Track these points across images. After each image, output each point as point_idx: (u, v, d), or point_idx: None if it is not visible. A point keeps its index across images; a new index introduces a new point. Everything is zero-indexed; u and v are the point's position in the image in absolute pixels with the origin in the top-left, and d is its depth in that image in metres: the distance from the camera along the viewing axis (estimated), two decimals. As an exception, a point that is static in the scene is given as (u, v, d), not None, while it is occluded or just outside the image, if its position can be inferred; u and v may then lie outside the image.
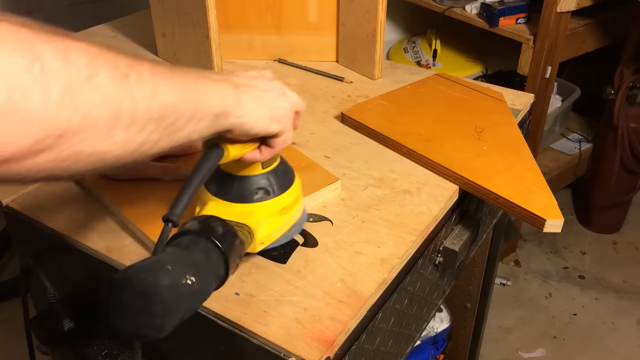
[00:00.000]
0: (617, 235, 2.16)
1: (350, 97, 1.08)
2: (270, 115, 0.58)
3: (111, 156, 0.43)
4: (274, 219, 0.65)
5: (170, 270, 0.47)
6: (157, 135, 0.46)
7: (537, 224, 0.75)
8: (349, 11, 1.12)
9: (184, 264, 0.49)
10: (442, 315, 1.40)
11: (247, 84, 0.57)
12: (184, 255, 0.50)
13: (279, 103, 0.60)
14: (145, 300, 0.45)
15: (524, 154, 0.88)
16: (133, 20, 1.36)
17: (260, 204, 0.64)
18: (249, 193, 0.64)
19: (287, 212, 0.66)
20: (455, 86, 1.07)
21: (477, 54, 2.03)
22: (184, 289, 0.47)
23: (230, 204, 0.63)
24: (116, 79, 0.42)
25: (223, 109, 0.52)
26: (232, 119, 0.54)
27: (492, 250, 1.24)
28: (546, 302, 1.90)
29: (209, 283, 0.51)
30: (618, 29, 1.79)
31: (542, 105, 1.74)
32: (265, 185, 0.64)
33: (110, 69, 0.41)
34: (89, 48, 0.41)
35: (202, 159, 0.56)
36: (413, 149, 0.88)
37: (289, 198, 0.66)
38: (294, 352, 0.58)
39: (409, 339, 0.84)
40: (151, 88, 0.44)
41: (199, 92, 0.50)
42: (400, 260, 0.70)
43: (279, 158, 0.66)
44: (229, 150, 0.57)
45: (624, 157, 1.91)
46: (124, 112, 0.42)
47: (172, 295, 0.46)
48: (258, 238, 0.62)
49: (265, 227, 0.64)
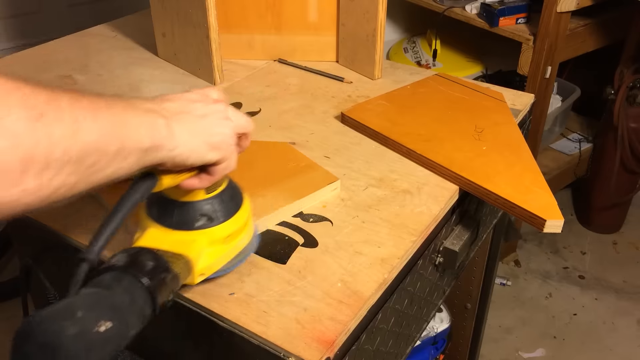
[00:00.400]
0: (617, 235, 2.16)
1: (350, 97, 1.08)
2: (207, 144, 0.54)
3: (21, 204, 0.39)
4: (217, 248, 0.61)
5: (80, 318, 0.43)
6: (75, 178, 0.42)
7: (537, 224, 0.75)
8: (349, 11, 1.12)
9: (100, 308, 0.45)
10: (442, 315, 1.40)
11: (181, 111, 0.53)
12: (103, 296, 0.47)
13: (218, 129, 0.55)
14: (48, 353, 0.41)
15: (524, 154, 0.88)
16: (133, 20, 1.36)
17: (202, 232, 0.59)
18: (190, 220, 0.59)
19: (233, 239, 0.62)
20: (455, 86, 1.07)
21: (477, 54, 2.03)
22: (96, 337, 0.43)
23: (170, 230, 0.59)
24: (30, 120, 0.38)
25: (153, 142, 0.48)
26: (164, 152, 0.50)
27: (492, 250, 1.24)
28: (546, 302, 1.90)
29: (131, 325, 0.47)
30: (618, 29, 1.79)
31: (542, 105, 1.74)
32: (209, 212, 0.60)
33: (24, 109, 0.38)
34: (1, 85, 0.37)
35: (130, 189, 0.52)
36: (413, 149, 0.88)
37: (234, 225, 0.61)
38: (294, 352, 0.58)
39: (409, 339, 0.84)
40: (71, 126, 0.41)
41: (126, 126, 0.46)
42: (400, 261, 0.70)
43: (226, 181, 0.62)
44: (162, 179, 0.53)
45: (624, 157, 1.91)
46: (37, 156, 0.38)
47: (79, 346, 0.42)
48: (198, 269, 0.59)
49: (206, 256, 0.60)
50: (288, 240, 0.73)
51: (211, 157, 0.55)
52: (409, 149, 0.89)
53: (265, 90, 1.09)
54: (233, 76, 1.14)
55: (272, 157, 0.86)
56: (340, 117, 0.99)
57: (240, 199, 0.64)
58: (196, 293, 0.65)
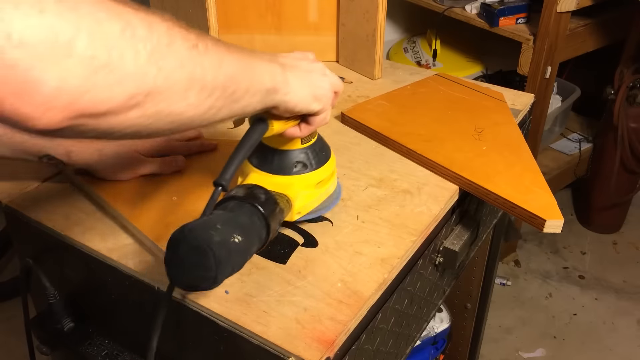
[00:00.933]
0: (617, 235, 2.16)
1: (350, 97, 1.08)
2: (313, 95, 0.62)
3: (185, 117, 0.47)
4: (310, 191, 0.70)
5: (220, 229, 0.52)
6: (221, 102, 0.50)
7: (537, 224, 0.75)
8: (349, 11, 1.12)
9: (232, 224, 0.54)
10: (442, 315, 1.40)
11: (292, 65, 0.61)
12: (231, 217, 0.56)
13: (321, 83, 0.63)
14: (199, 254, 0.50)
15: (524, 154, 0.88)
16: (133, 20, 1.35)
17: (298, 177, 0.68)
18: (288, 166, 0.68)
19: (323, 185, 0.71)
20: (455, 86, 1.07)
21: (477, 54, 2.03)
22: (232, 246, 0.52)
23: (271, 175, 0.68)
24: (188, 48, 0.46)
25: (273, 85, 0.56)
26: (280, 95, 0.58)
27: (492, 250, 1.24)
28: (546, 302, 1.90)
29: (253, 243, 0.56)
30: (618, 29, 1.79)
31: (542, 105, 1.74)
32: (304, 160, 0.69)
33: (183, 39, 0.46)
34: (163, 20, 0.45)
35: (248, 131, 0.61)
36: (413, 149, 0.88)
37: (325, 172, 0.70)
38: (294, 352, 0.58)
39: (409, 339, 0.84)
40: (216, 59, 0.49)
41: (254, 68, 0.54)
42: (400, 261, 0.70)
43: (317, 135, 0.71)
44: (273, 124, 0.61)
45: (624, 157, 1.91)
46: (196, 77, 0.47)
47: (222, 251, 0.51)
48: (295, 208, 0.67)
49: (302, 198, 0.68)
50: (288, 240, 0.73)
51: (314, 107, 0.62)
52: (409, 149, 0.89)
53: (265, 90, 1.09)
54: (233, 76, 1.13)
55: None
56: (340, 117, 0.99)
57: (329, 151, 0.73)
58: (196, 293, 0.65)
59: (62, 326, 0.81)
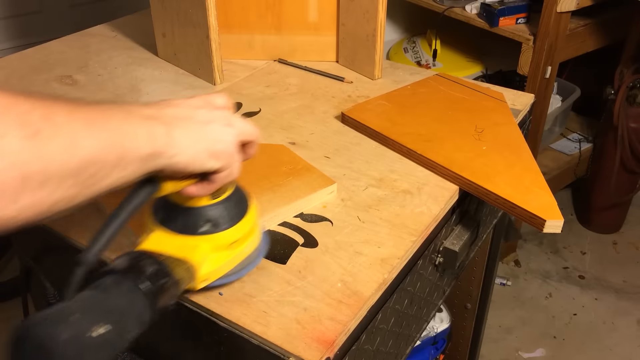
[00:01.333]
0: (617, 235, 2.16)
1: (350, 97, 1.08)
2: (208, 151, 0.53)
3: (20, 220, 0.40)
4: (221, 254, 0.60)
5: (73, 322, 0.43)
6: (75, 190, 0.42)
7: (537, 224, 0.75)
8: (349, 11, 1.12)
9: (95, 312, 0.45)
10: (442, 315, 1.40)
11: (183, 117, 0.52)
12: (99, 300, 0.47)
13: (220, 137, 0.54)
14: (42, 356, 0.42)
15: (524, 154, 0.88)
16: (133, 20, 1.36)
17: (205, 237, 0.59)
18: (194, 225, 0.59)
19: (238, 245, 0.62)
20: (455, 86, 1.07)
21: (477, 54, 2.03)
22: (90, 341, 0.43)
23: (175, 234, 0.59)
24: (26, 138, 0.38)
25: (152, 150, 0.48)
26: (164, 159, 0.49)
27: (492, 250, 1.24)
28: (546, 302, 1.90)
29: (128, 329, 0.47)
30: (618, 29, 1.79)
31: (542, 105, 1.74)
32: (213, 218, 0.59)
33: (20, 128, 0.38)
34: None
35: (131, 194, 0.52)
36: (413, 149, 0.88)
37: (239, 231, 0.61)
38: (294, 352, 0.58)
39: (409, 339, 0.84)
40: (68, 141, 0.41)
41: (125, 135, 0.46)
42: (400, 261, 0.70)
43: (233, 187, 0.61)
44: (163, 185, 0.53)
45: (624, 157, 1.91)
46: (35, 172, 0.39)
47: (72, 350, 0.42)
48: (201, 274, 0.59)
49: (210, 262, 0.60)
50: (288, 241, 0.73)
51: (211, 165, 0.54)
52: (409, 149, 0.89)
53: (265, 90, 1.09)
54: (233, 76, 1.14)
55: (268, 159, 0.85)
56: (341, 117, 0.99)
57: (247, 206, 0.63)
58: (196, 293, 0.65)
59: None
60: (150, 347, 0.76)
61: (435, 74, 1.13)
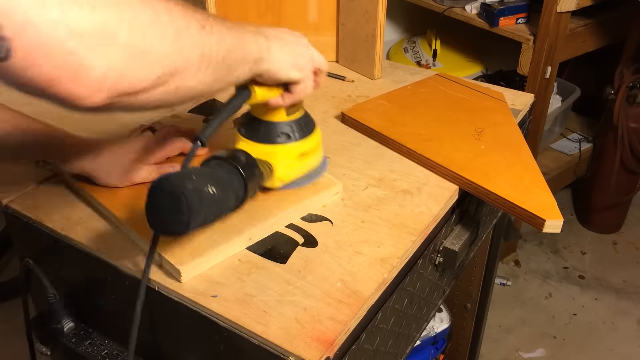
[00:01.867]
0: (617, 235, 2.16)
1: (350, 97, 1.08)
2: (293, 63, 0.66)
3: (196, 91, 0.54)
4: (292, 161, 0.75)
5: (194, 179, 0.56)
6: (222, 75, 0.56)
7: (536, 224, 0.75)
8: (349, 11, 1.12)
9: (208, 177, 0.59)
10: (442, 315, 1.40)
11: (276, 36, 0.66)
12: (209, 171, 0.62)
13: (302, 52, 0.68)
14: (173, 200, 0.54)
15: (524, 154, 0.88)
16: (133, 20, 1.35)
17: (281, 146, 0.73)
18: (272, 136, 0.73)
19: (306, 157, 0.76)
20: (455, 86, 1.07)
21: (477, 54, 2.03)
22: (205, 195, 0.57)
23: (256, 143, 0.73)
24: (199, 30, 0.52)
25: (259, 55, 0.62)
26: (264, 64, 0.63)
27: (492, 250, 1.24)
28: (546, 302, 1.90)
29: (229, 198, 0.61)
30: (618, 29, 1.79)
31: (542, 105, 1.74)
32: (287, 131, 0.74)
33: (195, 22, 0.51)
34: (177, 4, 0.50)
35: (233, 96, 0.66)
36: (413, 149, 0.88)
37: (307, 145, 0.75)
38: (294, 352, 0.58)
39: (409, 339, 0.84)
40: (218, 36, 0.54)
41: (245, 41, 0.59)
42: (400, 260, 0.70)
43: (303, 111, 0.76)
44: (256, 92, 0.66)
45: (624, 157, 1.91)
46: (205, 55, 0.53)
47: (195, 198, 0.55)
48: (277, 175, 0.73)
49: (284, 167, 0.74)
50: (288, 240, 0.73)
51: (294, 74, 0.67)
52: (409, 148, 0.89)
53: (265, 90, 1.09)
54: (233, 76, 1.13)
55: None
56: (341, 117, 0.99)
57: (313, 127, 0.77)
58: (196, 293, 0.65)
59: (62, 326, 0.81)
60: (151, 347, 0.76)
61: (435, 74, 1.13)
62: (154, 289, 0.67)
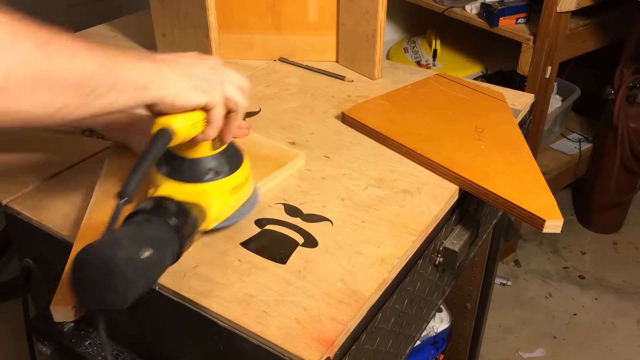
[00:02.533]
0: (617, 235, 2.16)
1: (350, 97, 1.08)
2: (192, 86, 0.60)
3: (33, 115, 0.48)
4: (225, 198, 0.70)
5: (126, 246, 0.51)
6: (77, 101, 0.51)
7: (536, 224, 0.75)
8: (349, 11, 1.12)
9: (140, 239, 0.53)
10: (442, 315, 1.40)
11: (172, 60, 0.61)
12: (139, 230, 0.55)
13: (205, 76, 0.62)
14: (104, 274, 0.49)
15: (524, 154, 0.88)
16: (133, 20, 1.36)
17: (211, 184, 0.68)
18: (200, 174, 0.68)
19: (238, 191, 0.71)
20: (455, 86, 1.07)
21: (477, 54, 2.03)
22: (140, 262, 0.51)
23: (183, 184, 0.67)
24: (36, 47, 0.47)
25: (143, 81, 0.56)
26: (153, 91, 0.57)
27: (492, 250, 1.24)
28: (546, 302, 1.90)
29: (165, 256, 0.55)
30: (618, 29, 1.79)
31: (542, 105, 1.74)
32: (215, 166, 0.68)
33: (33, 38, 0.47)
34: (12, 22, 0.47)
35: (152, 140, 0.59)
36: (413, 149, 0.88)
37: (238, 178, 0.71)
38: (294, 352, 0.58)
39: (409, 339, 0.84)
40: (71, 55, 0.50)
41: (119, 65, 0.54)
42: (400, 261, 0.70)
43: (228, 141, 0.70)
44: (177, 132, 0.60)
45: (624, 157, 1.91)
46: (44, 75, 0.48)
47: (129, 268, 0.50)
48: (211, 216, 0.67)
49: (217, 205, 0.69)
50: (288, 240, 0.73)
51: (198, 99, 0.60)
52: (409, 148, 0.89)
53: (265, 90, 1.09)
54: (233, 76, 1.13)
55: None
56: (341, 117, 0.99)
57: (241, 157, 0.72)
58: (196, 293, 0.65)
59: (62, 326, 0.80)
60: (151, 347, 0.76)
61: (435, 74, 1.13)
62: (154, 288, 0.67)
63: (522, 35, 1.65)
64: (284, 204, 0.79)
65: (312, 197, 0.80)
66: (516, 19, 1.68)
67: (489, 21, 1.70)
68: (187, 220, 0.60)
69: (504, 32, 1.68)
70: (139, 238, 0.53)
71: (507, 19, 1.67)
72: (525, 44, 1.65)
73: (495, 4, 1.69)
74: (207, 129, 0.64)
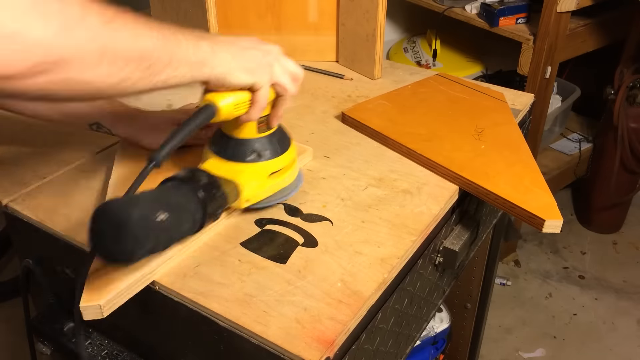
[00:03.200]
0: (617, 235, 2.16)
1: (350, 97, 1.08)
2: (243, 67, 0.63)
3: (95, 86, 0.51)
4: (262, 181, 0.72)
5: (143, 206, 0.53)
6: (138, 75, 0.53)
7: (536, 224, 0.75)
8: (349, 11, 1.12)
9: (158, 202, 0.55)
10: (442, 315, 1.40)
11: (227, 41, 0.64)
12: (162, 195, 0.57)
13: (256, 58, 0.65)
14: (116, 229, 0.51)
15: (524, 154, 0.88)
16: (133, 20, 1.35)
17: (250, 165, 0.71)
18: (242, 154, 0.71)
19: (277, 176, 0.73)
20: (455, 86, 1.07)
21: (477, 54, 2.03)
22: (153, 224, 0.53)
23: (225, 161, 0.71)
24: (102, 23, 0.50)
25: (199, 58, 0.59)
26: (208, 68, 0.60)
27: (492, 250, 1.24)
28: (546, 302, 1.90)
29: (183, 223, 0.57)
30: (618, 29, 1.79)
31: (542, 105, 1.74)
32: (258, 149, 0.71)
33: (98, 15, 0.50)
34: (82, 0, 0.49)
35: (195, 112, 0.63)
36: (413, 149, 0.88)
37: (280, 163, 0.73)
38: (294, 352, 0.58)
39: (409, 339, 0.84)
40: (133, 32, 0.53)
41: (176, 43, 0.57)
42: (400, 261, 0.70)
43: (277, 126, 0.73)
44: (221, 109, 0.64)
45: (624, 157, 1.91)
46: (109, 49, 0.50)
47: (140, 227, 0.52)
48: (244, 195, 0.70)
49: (252, 186, 0.71)
50: (288, 240, 0.73)
51: (245, 78, 0.64)
52: (409, 148, 0.89)
53: (265, 90, 1.09)
54: (233, 76, 1.13)
55: None
56: (341, 117, 0.99)
57: (288, 144, 0.74)
58: (196, 293, 0.65)
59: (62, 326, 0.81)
60: (151, 347, 0.76)
61: (435, 73, 1.13)
62: (154, 289, 0.67)
63: (522, 35, 1.65)
64: (284, 203, 0.79)
65: (312, 197, 0.80)
66: (516, 19, 1.68)
67: (489, 21, 1.70)
68: (215, 194, 0.63)
69: (504, 32, 1.68)
70: (160, 201, 0.55)
71: (507, 19, 1.67)
72: (525, 44, 1.65)
73: (495, 4, 1.69)
74: (251, 109, 0.67)
